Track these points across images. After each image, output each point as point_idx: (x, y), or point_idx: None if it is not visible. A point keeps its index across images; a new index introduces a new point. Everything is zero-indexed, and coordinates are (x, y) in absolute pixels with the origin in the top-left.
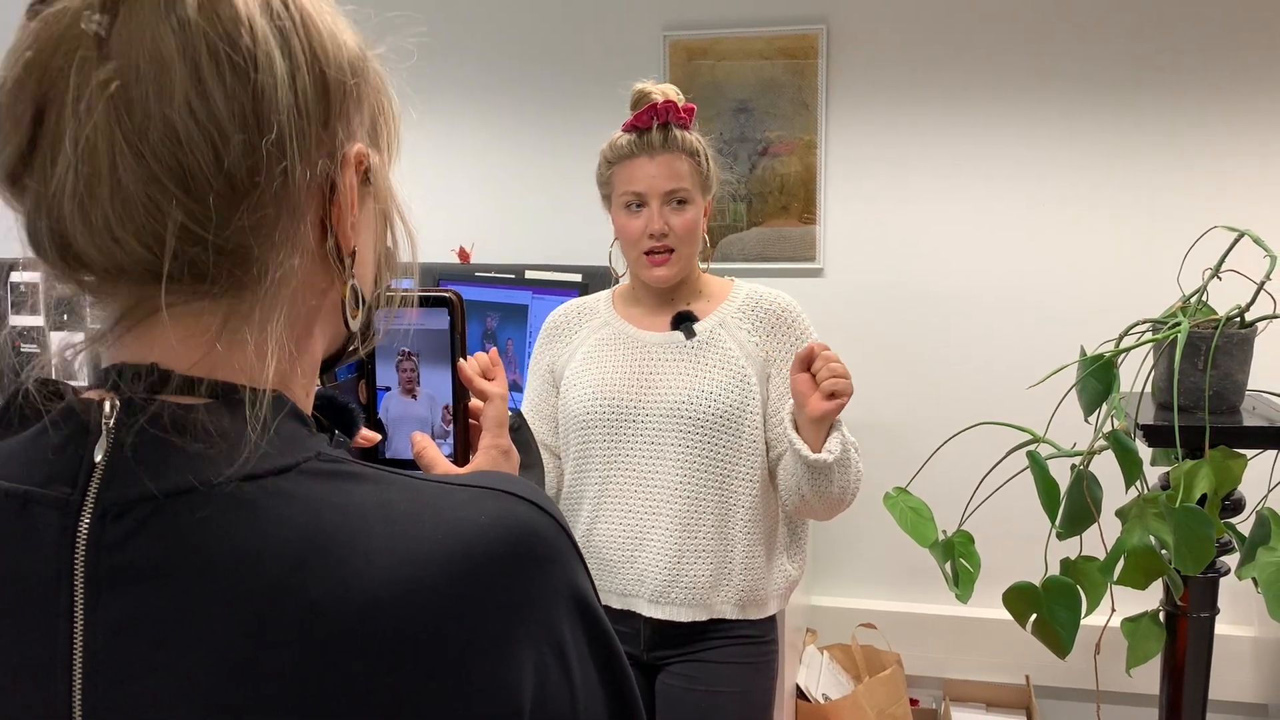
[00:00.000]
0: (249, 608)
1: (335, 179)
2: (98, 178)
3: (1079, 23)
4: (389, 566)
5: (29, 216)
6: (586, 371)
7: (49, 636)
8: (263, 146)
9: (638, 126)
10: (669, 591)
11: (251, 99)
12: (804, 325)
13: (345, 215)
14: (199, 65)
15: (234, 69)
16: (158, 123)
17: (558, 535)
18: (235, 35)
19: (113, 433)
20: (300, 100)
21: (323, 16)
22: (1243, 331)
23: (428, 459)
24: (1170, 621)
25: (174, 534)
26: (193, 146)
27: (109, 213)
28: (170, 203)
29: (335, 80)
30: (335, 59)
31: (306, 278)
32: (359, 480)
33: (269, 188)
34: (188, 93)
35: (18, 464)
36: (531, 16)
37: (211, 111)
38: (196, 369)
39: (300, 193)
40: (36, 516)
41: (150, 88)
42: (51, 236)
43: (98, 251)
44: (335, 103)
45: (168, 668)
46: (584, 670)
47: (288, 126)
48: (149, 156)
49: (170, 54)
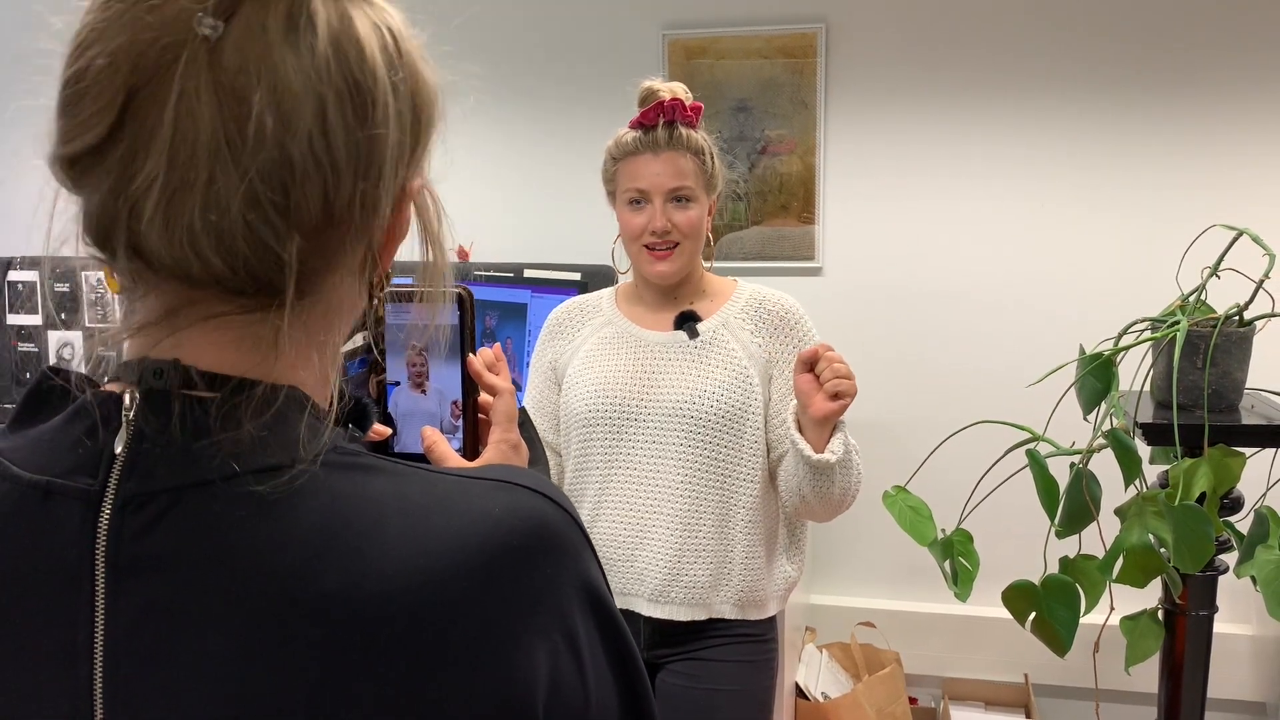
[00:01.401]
0: (266, 597)
1: (398, 207)
2: (192, 187)
3: (1077, 22)
4: (404, 557)
5: (100, 205)
6: (589, 370)
7: (71, 625)
8: (368, 190)
9: (644, 124)
10: (668, 591)
11: (368, 146)
12: (807, 327)
13: (395, 246)
14: (324, 102)
15: (357, 114)
16: (273, 150)
17: (570, 527)
18: (362, 80)
19: (133, 425)
20: (403, 150)
21: (422, 63)
22: (1241, 330)
23: (438, 453)
24: (1169, 620)
25: (193, 525)
26: (306, 181)
27: (195, 224)
28: (269, 230)
29: (426, 130)
30: (428, 109)
31: (339, 287)
32: (375, 473)
33: (362, 224)
34: (311, 128)
35: (41, 454)
36: (530, 15)
37: (330, 151)
38: (216, 365)
39: (378, 224)
40: (58, 507)
41: (271, 114)
42: (125, 233)
43: (172, 258)
44: (422, 143)
45: (186, 656)
46: (595, 660)
47: (390, 172)
48: (257, 180)
49: (297, 84)
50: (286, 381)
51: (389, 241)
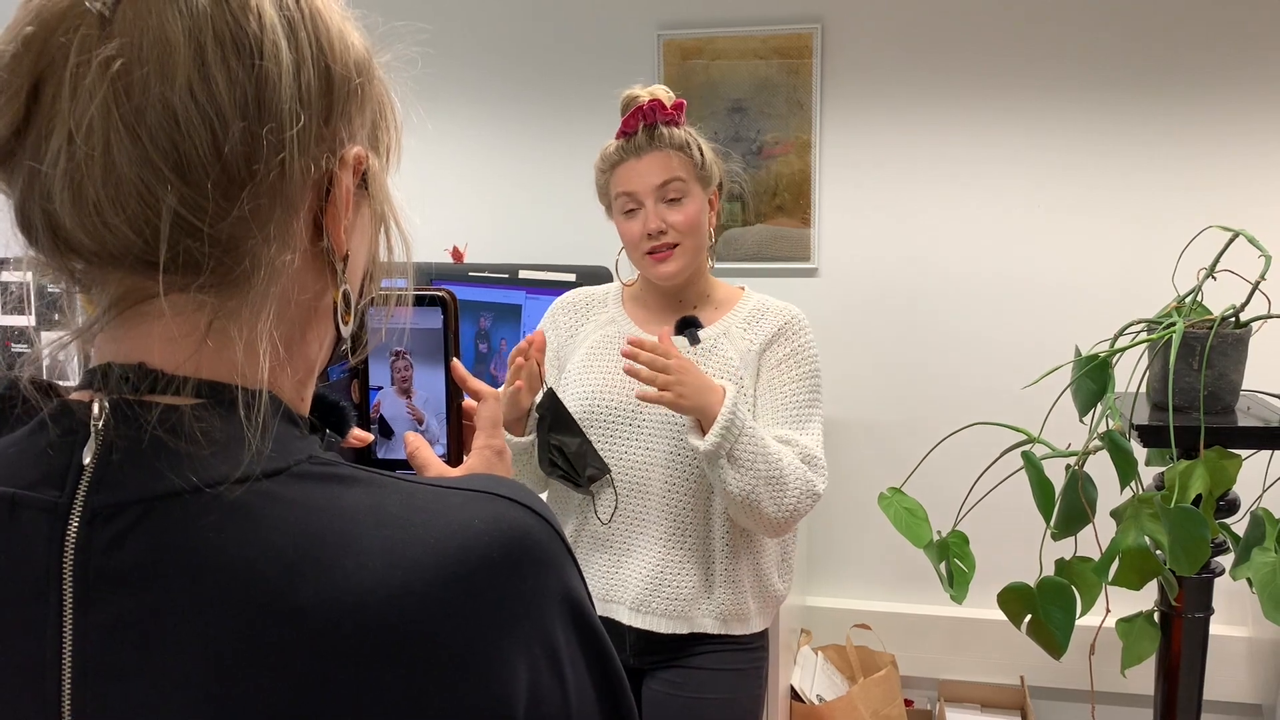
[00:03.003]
0: (239, 611)
1: (333, 178)
2: (91, 158)
3: (1074, 22)
4: (381, 570)
5: (20, 196)
6: (587, 370)
7: (38, 640)
8: (263, 135)
9: (626, 132)
10: (650, 601)
11: (254, 86)
12: (805, 339)
13: (340, 216)
14: (203, 48)
15: (239, 54)
16: (156, 104)
17: (551, 539)
18: (242, 21)
19: (101, 435)
20: (303, 92)
21: (332, 15)
22: (1237, 332)
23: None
24: (1165, 622)
25: (163, 537)
26: (191, 130)
27: (100, 195)
28: (165, 188)
29: (340, 77)
30: (341, 57)
31: (297, 277)
32: (351, 483)
33: (266, 178)
34: (190, 75)
35: (6, 465)
36: (525, 15)
37: (213, 95)
38: (184, 368)
39: (296, 187)
40: (25, 519)
41: (152, 68)
42: (42, 217)
43: (87, 235)
44: (338, 100)
45: (157, 670)
46: (577, 672)
47: (289, 117)
48: (145, 139)
49: (175, 36)
50: (260, 387)
51: (333, 217)
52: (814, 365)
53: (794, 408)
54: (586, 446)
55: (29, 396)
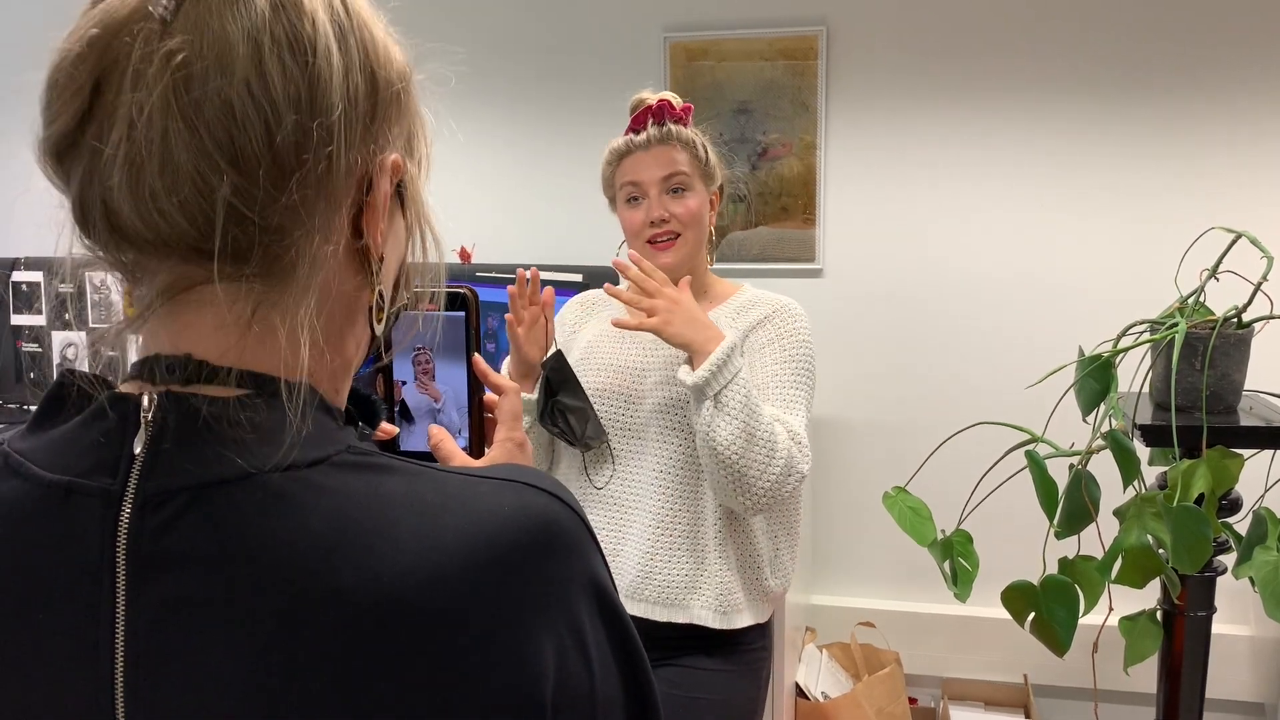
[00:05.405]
0: (283, 593)
1: (373, 178)
2: (149, 148)
3: (1077, 24)
4: (416, 554)
5: (80, 186)
6: (586, 363)
7: (93, 623)
8: (313, 128)
9: (634, 129)
10: (642, 588)
11: (307, 82)
12: (794, 325)
13: (377, 218)
14: (260, 46)
15: (294, 53)
16: (214, 98)
17: (576, 525)
18: (298, 25)
19: (151, 425)
20: (351, 92)
21: (376, 28)
22: (1240, 332)
23: (444, 451)
24: (1167, 620)
25: (211, 523)
26: (246, 123)
27: (157, 184)
28: (219, 177)
29: (384, 81)
30: (385, 65)
31: (337, 272)
32: (388, 472)
33: (314, 170)
34: (247, 71)
35: (61, 455)
36: (531, 17)
37: (268, 89)
38: (228, 357)
39: (340, 181)
40: (79, 507)
41: (211, 64)
42: (100, 206)
43: (143, 222)
44: (382, 104)
45: (206, 652)
46: (601, 655)
47: (337, 114)
48: (202, 130)
49: (235, 35)
50: (300, 378)
51: (371, 217)
52: (803, 351)
53: (778, 388)
54: (590, 411)
55: (83, 388)
